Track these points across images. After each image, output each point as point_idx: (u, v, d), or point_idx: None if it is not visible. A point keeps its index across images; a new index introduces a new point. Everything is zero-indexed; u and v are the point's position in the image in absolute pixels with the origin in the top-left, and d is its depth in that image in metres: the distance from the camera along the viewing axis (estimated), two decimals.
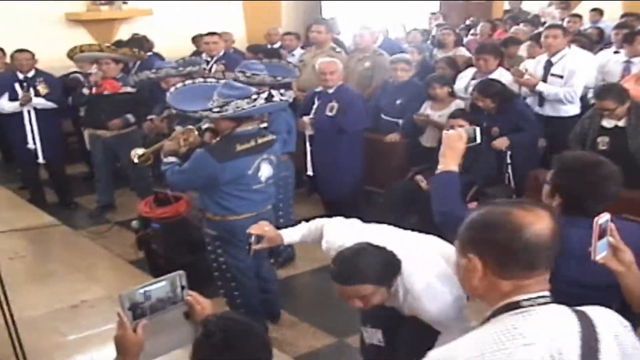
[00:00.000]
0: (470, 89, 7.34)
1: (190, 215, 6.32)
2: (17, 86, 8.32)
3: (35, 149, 8.39)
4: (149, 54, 9.48)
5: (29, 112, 8.31)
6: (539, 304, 1.88)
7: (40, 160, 8.48)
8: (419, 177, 6.83)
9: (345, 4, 12.86)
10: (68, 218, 8.08)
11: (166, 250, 6.31)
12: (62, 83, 8.85)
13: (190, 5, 11.58)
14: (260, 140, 4.93)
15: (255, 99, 4.69)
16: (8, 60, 8.99)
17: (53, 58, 9.56)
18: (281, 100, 4.93)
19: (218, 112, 4.70)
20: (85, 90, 8.07)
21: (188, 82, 5.38)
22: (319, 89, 7.28)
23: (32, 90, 8.26)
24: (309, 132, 7.23)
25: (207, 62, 8.79)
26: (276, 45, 10.53)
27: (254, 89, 4.94)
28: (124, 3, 11.07)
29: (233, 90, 4.79)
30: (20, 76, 8.37)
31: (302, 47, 9.89)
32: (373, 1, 12.89)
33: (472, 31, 12.17)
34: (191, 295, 2.43)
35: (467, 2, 15.20)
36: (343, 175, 7.22)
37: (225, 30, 9.97)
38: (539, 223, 1.88)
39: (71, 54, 8.10)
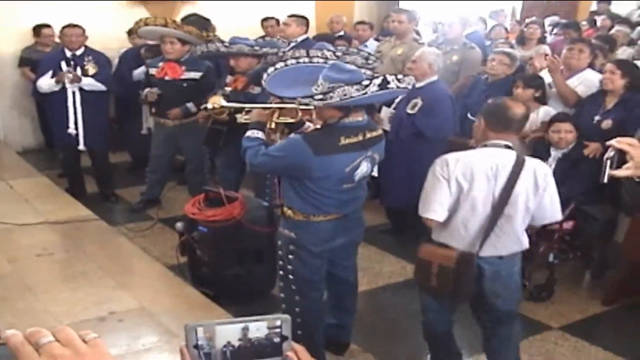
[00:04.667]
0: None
1: (244, 219, 5.46)
2: (63, 64, 7.59)
3: (77, 134, 7.65)
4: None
5: (73, 93, 7.58)
6: (503, 147, 3.96)
7: (81, 147, 7.74)
8: None
9: None
10: (107, 211, 7.35)
11: (212, 259, 5.50)
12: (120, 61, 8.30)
13: None
14: (368, 135, 4.26)
15: (366, 85, 3.93)
16: (57, 39, 8.38)
17: (109, 37, 9.27)
18: (398, 87, 4.08)
19: (321, 99, 4.02)
20: (152, 71, 7.33)
21: (290, 61, 4.62)
22: None
23: (79, 70, 7.53)
24: (384, 127, 6.34)
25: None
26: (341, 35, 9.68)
27: (367, 73, 4.27)
28: None
29: (342, 73, 4.11)
30: (68, 54, 7.67)
31: (376, 39, 9.16)
32: None
33: (555, 30, 11.10)
34: (296, 351, 1.62)
35: (549, 1, 14.20)
36: (413, 182, 6.23)
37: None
38: (517, 108, 4.02)
39: (136, 27, 7.45)
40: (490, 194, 3.90)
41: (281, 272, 4.58)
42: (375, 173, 6.51)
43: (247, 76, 6.40)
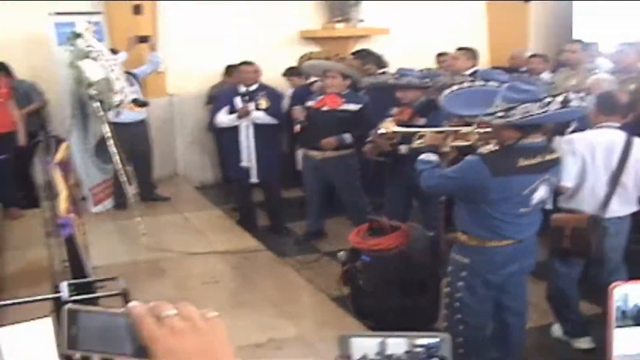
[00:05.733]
0: None
1: (408, 249, 5.26)
2: (237, 100, 7.77)
3: (249, 168, 7.75)
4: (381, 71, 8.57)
5: (246, 127, 7.69)
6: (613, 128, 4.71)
7: (254, 179, 7.82)
8: None
9: (600, 24, 11.34)
10: (276, 244, 7.32)
11: (375, 289, 5.34)
12: (292, 97, 8.33)
13: (431, 22, 10.90)
14: (547, 157, 4.13)
15: (548, 103, 3.81)
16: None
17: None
18: (579, 106, 3.90)
19: (502, 116, 3.92)
20: (310, 103, 7.35)
21: (465, 84, 4.55)
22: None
23: (252, 104, 7.64)
24: None
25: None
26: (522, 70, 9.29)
27: (545, 93, 4.08)
28: (360, 21, 10.48)
29: (520, 93, 3.98)
30: (242, 89, 7.85)
31: (552, 72, 8.67)
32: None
33: None
34: None
35: None
36: None
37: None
38: (622, 96, 4.95)
39: (301, 62, 7.75)
40: (609, 165, 4.73)
41: (447, 300, 4.46)
42: (549, 205, 6.16)
43: (413, 108, 6.27)
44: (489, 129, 4.35)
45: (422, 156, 4.41)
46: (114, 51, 8.21)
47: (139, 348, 1.08)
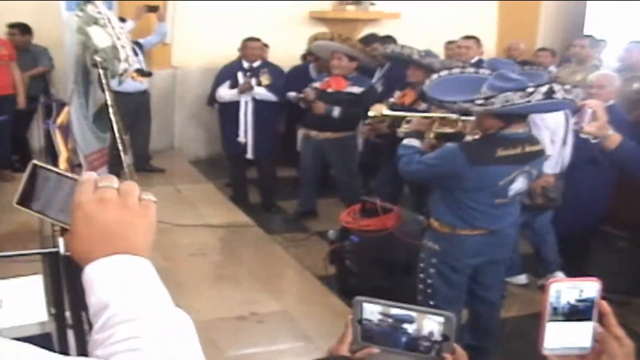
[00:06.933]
0: None
1: (398, 231, 5.22)
2: (239, 75, 7.74)
3: (246, 143, 7.70)
4: None
5: (246, 103, 7.65)
6: None
7: (249, 155, 7.77)
8: None
9: (612, 21, 11.25)
10: (266, 221, 7.26)
11: (360, 269, 5.29)
12: (287, 77, 8.21)
13: (442, 9, 10.76)
14: (528, 149, 4.03)
15: (531, 93, 3.67)
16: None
17: (289, 55, 9.35)
18: (565, 98, 3.74)
19: (482, 104, 3.81)
20: (316, 84, 7.30)
21: (455, 70, 4.42)
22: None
23: (254, 80, 7.60)
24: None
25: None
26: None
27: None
28: (372, 4, 10.34)
29: (507, 82, 3.86)
30: (246, 65, 7.83)
31: (558, 67, 8.63)
32: None
33: None
34: (457, 357, 1.67)
35: None
36: (579, 208, 5.91)
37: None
38: None
39: (309, 43, 7.68)
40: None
41: (420, 286, 4.39)
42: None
43: (417, 90, 6.20)
44: (471, 117, 4.27)
45: (405, 141, 4.33)
46: (122, 19, 8.15)
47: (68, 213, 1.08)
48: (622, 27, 10.58)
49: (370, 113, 5.40)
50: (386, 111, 5.40)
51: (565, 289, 1.35)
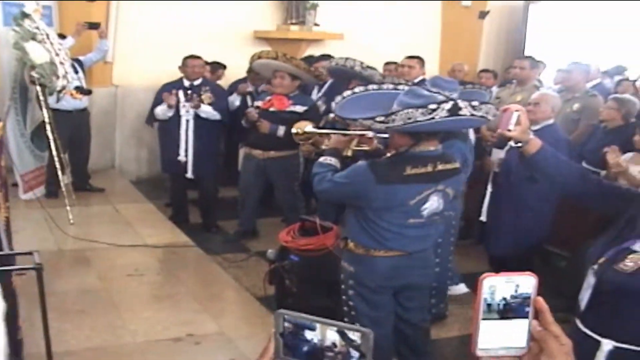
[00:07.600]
0: None
1: (338, 250, 5.17)
2: (180, 93, 7.61)
3: (186, 162, 7.61)
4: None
5: (187, 121, 7.57)
6: None
7: (189, 174, 7.69)
8: None
9: (552, 42, 11.40)
10: (206, 241, 7.17)
11: (299, 288, 5.22)
12: (227, 94, 8.16)
13: (385, 31, 10.89)
14: (440, 167, 3.87)
15: (433, 110, 3.52)
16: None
17: (232, 73, 9.39)
18: (472, 115, 3.61)
19: (382, 121, 3.66)
20: (258, 103, 7.28)
21: (372, 86, 4.24)
22: None
23: (195, 98, 7.50)
24: (494, 169, 6.05)
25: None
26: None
27: (440, 97, 3.74)
28: (315, 25, 10.41)
29: (416, 98, 3.69)
30: (186, 83, 7.72)
31: (499, 87, 8.85)
32: (589, 38, 11.18)
33: None
34: None
35: None
36: (521, 228, 5.84)
37: None
38: None
39: (251, 61, 7.56)
40: None
41: (345, 308, 4.22)
42: (483, 217, 6.13)
43: None
44: (386, 135, 4.13)
45: (321, 159, 4.19)
46: (62, 36, 8.02)
47: None
48: (560, 49, 10.76)
49: (293, 130, 5.30)
50: (309, 128, 5.27)
51: (500, 284, 1.29)
